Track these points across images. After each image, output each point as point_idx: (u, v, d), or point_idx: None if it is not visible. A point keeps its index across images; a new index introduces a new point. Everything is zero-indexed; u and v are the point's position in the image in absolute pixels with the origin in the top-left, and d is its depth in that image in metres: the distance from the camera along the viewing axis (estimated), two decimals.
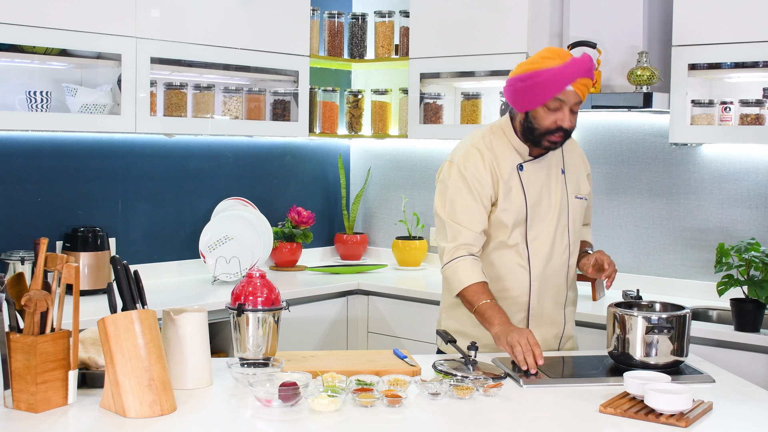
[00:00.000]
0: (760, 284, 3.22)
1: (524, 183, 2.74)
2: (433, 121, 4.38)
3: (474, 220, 2.68)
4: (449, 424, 2.08)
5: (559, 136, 2.67)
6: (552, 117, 2.64)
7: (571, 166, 2.85)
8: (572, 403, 2.25)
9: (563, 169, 2.81)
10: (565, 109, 2.63)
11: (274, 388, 2.13)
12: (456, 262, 2.65)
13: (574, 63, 2.61)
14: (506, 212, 2.71)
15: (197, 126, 3.97)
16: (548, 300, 2.78)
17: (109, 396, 2.07)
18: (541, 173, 2.76)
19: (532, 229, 2.74)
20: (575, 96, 2.62)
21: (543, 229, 2.75)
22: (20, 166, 3.64)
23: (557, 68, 2.60)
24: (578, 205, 2.83)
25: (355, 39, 4.67)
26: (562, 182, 2.80)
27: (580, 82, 2.61)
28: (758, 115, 3.48)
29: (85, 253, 3.58)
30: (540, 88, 2.61)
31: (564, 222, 2.78)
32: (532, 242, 2.74)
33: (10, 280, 2.14)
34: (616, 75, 3.77)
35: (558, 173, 2.80)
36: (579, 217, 2.84)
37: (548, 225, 2.75)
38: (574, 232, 2.81)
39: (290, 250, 4.45)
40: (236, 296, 2.44)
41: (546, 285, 2.76)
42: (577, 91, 2.62)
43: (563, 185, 2.80)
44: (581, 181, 2.86)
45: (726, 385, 2.41)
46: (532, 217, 2.74)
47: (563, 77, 2.60)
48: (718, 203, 3.85)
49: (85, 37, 3.44)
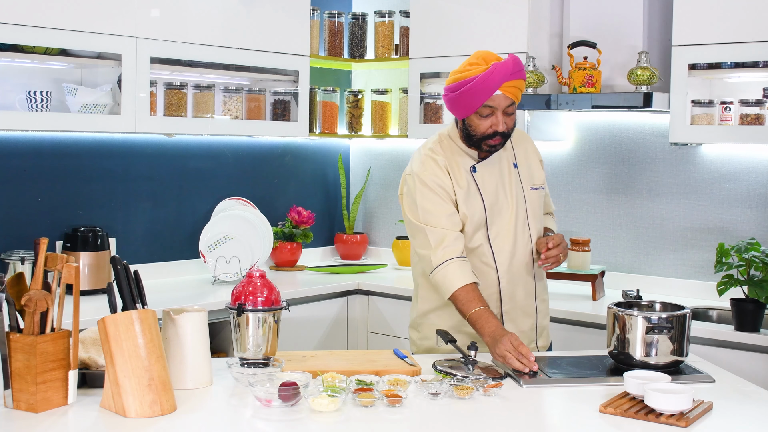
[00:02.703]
0: (760, 284, 3.22)
1: (479, 184, 2.76)
2: (433, 121, 4.38)
3: (451, 221, 2.71)
4: (449, 424, 2.08)
5: (497, 140, 2.70)
6: (486, 123, 2.67)
7: (522, 158, 2.86)
8: (572, 403, 2.25)
9: (515, 162, 2.83)
10: (497, 113, 2.66)
11: (274, 388, 2.13)
12: (445, 266, 2.65)
13: (497, 68, 2.62)
14: (466, 216, 2.73)
15: (197, 126, 3.97)
16: (519, 293, 2.80)
17: (109, 396, 2.07)
18: (494, 171, 2.79)
19: (492, 228, 2.76)
20: (505, 99, 2.65)
21: (503, 226, 2.77)
22: (20, 166, 3.64)
23: (481, 76, 2.62)
24: (535, 196, 2.84)
25: (355, 39, 4.67)
26: (515, 176, 2.81)
27: (509, 84, 2.62)
28: (758, 115, 3.48)
29: (85, 253, 3.58)
30: (468, 97, 2.64)
31: (523, 215, 2.80)
32: (495, 240, 2.76)
33: (10, 280, 2.14)
34: (616, 75, 3.77)
35: (510, 168, 2.82)
36: (538, 207, 2.86)
37: (508, 221, 2.77)
38: (534, 224, 2.83)
39: (290, 250, 4.45)
40: (236, 296, 2.44)
41: (514, 279, 2.79)
42: (507, 95, 2.64)
43: (517, 179, 2.81)
44: (535, 172, 2.87)
45: (726, 385, 2.41)
46: (492, 216, 2.76)
47: (488, 84, 2.61)
48: (718, 203, 3.85)
49: (85, 37, 3.44)
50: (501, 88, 2.62)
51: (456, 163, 2.76)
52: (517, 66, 2.65)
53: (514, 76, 2.63)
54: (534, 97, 3.82)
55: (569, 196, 4.26)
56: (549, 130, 4.18)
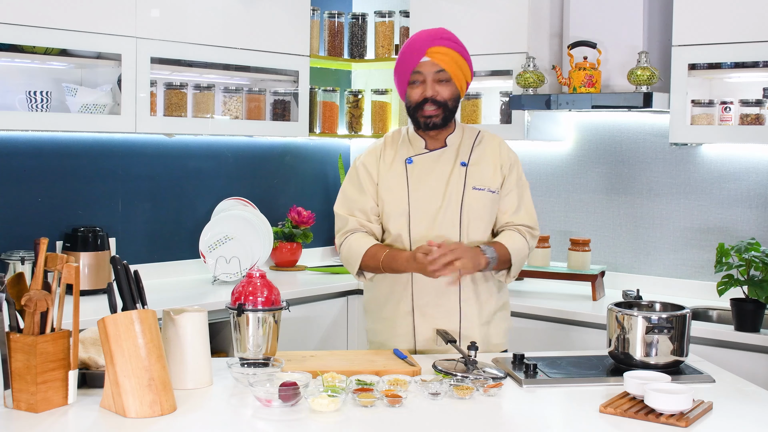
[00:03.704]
0: (760, 284, 3.22)
1: (410, 175, 2.75)
2: None
3: (363, 213, 2.75)
4: (449, 424, 2.08)
5: (431, 109, 2.69)
6: (418, 91, 2.69)
7: (477, 159, 2.77)
8: (572, 403, 2.25)
9: (465, 162, 2.76)
10: (427, 80, 2.67)
11: (274, 388, 2.13)
12: (347, 240, 2.75)
13: (418, 33, 2.70)
14: (387, 205, 2.74)
15: (197, 126, 3.97)
16: (434, 292, 2.72)
17: (109, 396, 2.07)
18: (435, 166, 2.75)
19: (414, 220, 2.72)
20: (432, 65, 2.66)
21: (427, 220, 2.72)
22: (20, 166, 3.64)
23: (405, 45, 2.71)
24: (479, 197, 2.73)
25: (355, 39, 4.67)
26: (460, 175, 2.74)
27: (434, 50, 2.65)
28: (758, 115, 3.48)
29: (85, 253, 3.58)
30: (400, 70, 2.71)
31: (454, 213, 2.71)
32: (415, 232, 2.72)
33: (10, 280, 2.14)
34: (616, 75, 3.77)
35: (456, 165, 2.76)
36: (481, 210, 2.74)
37: (434, 216, 2.72)
38: (470, 224, 2.73)
39: (290, 250, 4.45)
40: (236, 296, 2.44)
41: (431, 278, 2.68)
42: (434, 60, 2.65)
43: (461, 178, 2.74)
44: (487, 174, 2.76)
45: (726, 385, 2.41)
46: (416, 208, 2.72)
47: (411, 49, 2.67)
48: (718, 203, 3.85)
49: (85, 37, 3.44)
50: (427, 53, 2.65)
51: (399, 153, 2.78)
52: (443, 34, 2.69)
53: (438, 42, 2.65)
54: (534, 97, 3.82)
55: (569, 196, 4.26)
56: (549, 130, 4.18)
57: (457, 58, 2.67)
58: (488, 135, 2.85)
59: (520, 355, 2.55)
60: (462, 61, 2.69)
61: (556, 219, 4.29)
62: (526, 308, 3.69)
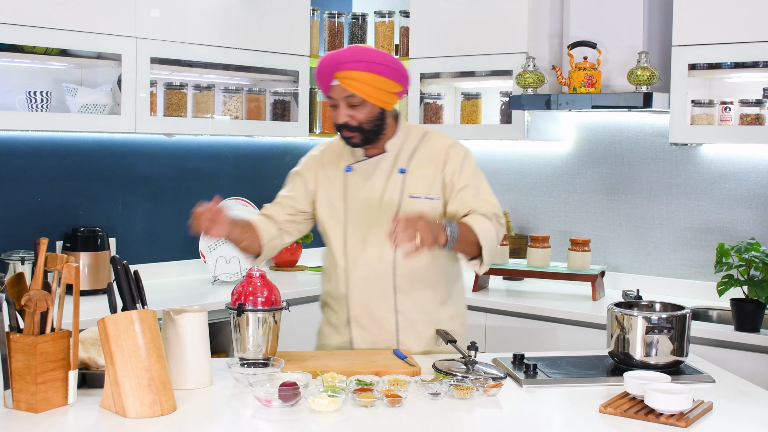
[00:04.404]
0: (760, 284, 3.22)
1: (348, 184, 2.69)
2: (434, 121, 4.38)
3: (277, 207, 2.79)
4: (449, 424, 2.08)
5: (348, 132, 2.60)
6: (334, 114, 2.61)
7: (418, 165, 2.66)
8: (572, 403, 2.25)
9: (403, 168, 2.66)
10: (339, 105, 2.57)
11: (274, 388, 2.13)
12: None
13: (323, 59, 2.58)
14: (324, 213, 2.71)
15: (197, 126, 3.97)
16: (372, 301, 2.67)
17: (109, 396, 2.07)
18: (372, 174, 2.67)
19: (350, 230, 2.66)
20: (341, 90, 2.55)
21: (362, 231, 2.65)
22: (20, 166, 3.64)
23: (316, 67, 2.61)
24: (414, 205, 2.62)
25: (355, 39, 4.67)
26: (398, 182, 2.65)
27: (341, 75, 2.52)
28: (758, 115, 3.48)
29: (85, 253, 3.59)
30: (319, 85, 2.62)
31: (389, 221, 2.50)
32: (350, 243, 2.66)
33: (10, 280, 2.14)
34: (616, 75, 3.77)
35: (393, 173, 2.66)
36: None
37: (369, 226, 2.65)
38: None
39: (290, 250, 4.44)
40: (236, 296, 2.44)
41: (367, 285, 2.66)
42: (343, 86, 2.53)
43: (398, 186, 2.65)
44: (428, 180, 2.65)
45: (726, 385, 2.41)
46: (352, 218, 2.66)
47: (320, 75, 2.59)
48: (718, 203, 3.85)
49: (85, 37, 3.44)
50: (337, 78, 2.53)
51: (339, 159, 2.73)
52: (352, 55, 2.53)
53: (345, 67, 2.51)
54: (534, 97, 3.82)
55: (569, 196, 4.26)
56: (549, 130, 4.18)
57: (368, 79, 2.51)
58: (435, 135, 2.73)
59: (520, 355, 2.55)
60: (377, 79, 2.52)
61: (556, 219, 4.29)
62: (526, 308, 3.69)
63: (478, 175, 2.68)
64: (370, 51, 2.57)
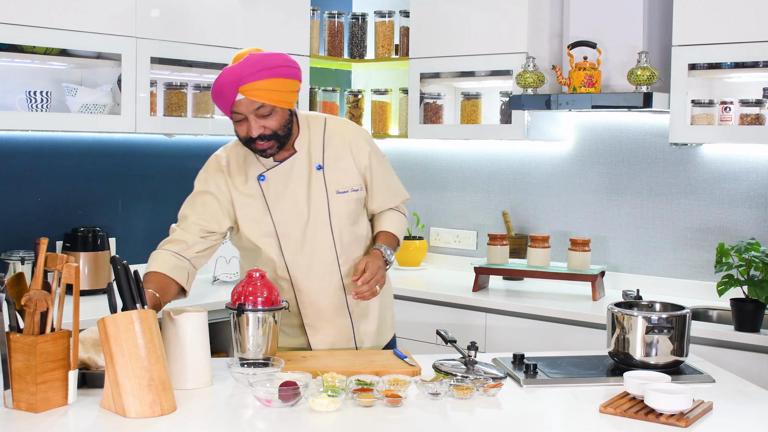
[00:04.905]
0: (760, 284, 3.22)
1: (267, 194, 2.58)
2: (434, 121, 4.38)
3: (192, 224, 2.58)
4: (449, 424, 2.08)
5: (261, 144, 2.49)
6: (242, 129, 2.49)
7: (332, 159, 2.62)
8: (572, 403, 2.25)
9: (320, 164, 2.61)
10: (249, 118, 2.46)
11: (274, 388, 2.13)
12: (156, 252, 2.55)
13: (223, 74, 2.43)
14: (250, 230, 2.59)
15: (197, 126, 3.97)
16: (324, 306, 2.65)
17: (109, 396, 2.07)
18: (289, 177, 2.59)
19: (285, 239, 2.59)
20: (249, 103, 2.43)
21: (298, 237, 2.59)
22: (20, 166, 3.64)
23: (214, 83, 2.46)
24: (343, 200, 2.61)
25: (355, 39, 4.67)
26: (319, 179, 2.60)
27: (245, 89, 2.41)
28: (758, 115, 3.48)
29: (85, 253, 3.59)
30: (219, 105, 2.49)
31: (323, 222, 2.60)
32: (288, 252, 2.60)
33: (10, 280, 2.14)
34: (616, 75, 3.77)
35: (312, 171, 2.60)
36: (348, 212, 2.63)
37: (303, 231, 2.59)
38: (342, 232, 2.62)
39: None
40: (236, 296, 2.44)
41: (316, 291, 2.63)
42: (251, 98, 2.42)
43: (321, 182, 2.60)
44: (348, 172, 2.63)
45: (726, 385, 2.41)
46: (283, 226, 2.59)
47: (220, 93, 2.44)
48: (718, 203, 3.85)
49: (85, 37, 3.44)
50: (242, 92, 2.41)
51: (247, 166, 2.60)
52: (253, 65, 2.42)
53: (248, 80, 2.39)
54: (534, 97, 3.82)
55: (569, 196, 4.26)
56: (549, 130, 4.18)
57: (273, 85, 2.43)
58: (333, 122, 2.68)
59: (520, 355, 2.55)
60: (281, 82, 2.44)
61: (556, 219, 4.29)
62: (526, 308, 3.69)
63: (383, 162, 2.74)
64: (267, 56, 2.46)
